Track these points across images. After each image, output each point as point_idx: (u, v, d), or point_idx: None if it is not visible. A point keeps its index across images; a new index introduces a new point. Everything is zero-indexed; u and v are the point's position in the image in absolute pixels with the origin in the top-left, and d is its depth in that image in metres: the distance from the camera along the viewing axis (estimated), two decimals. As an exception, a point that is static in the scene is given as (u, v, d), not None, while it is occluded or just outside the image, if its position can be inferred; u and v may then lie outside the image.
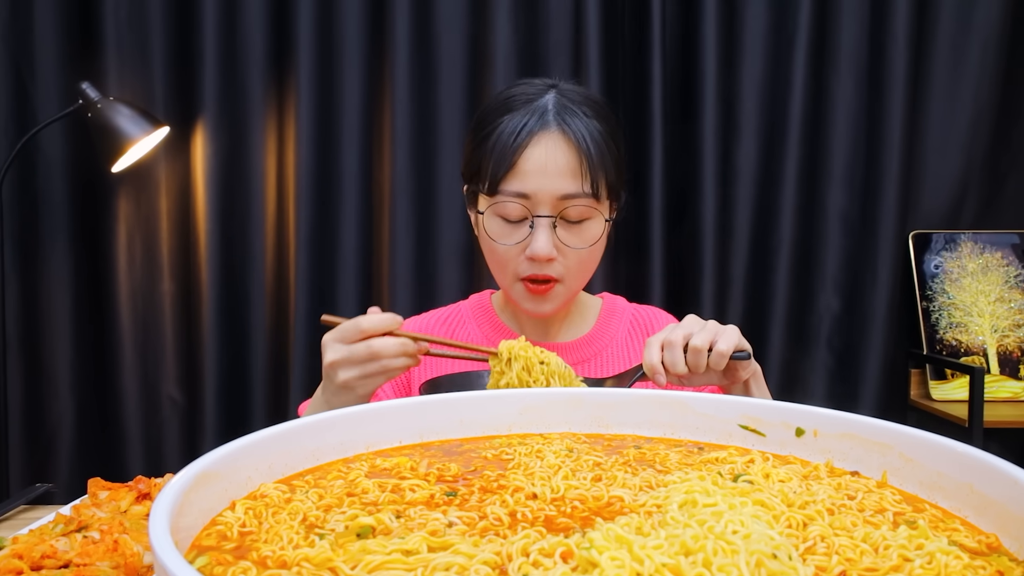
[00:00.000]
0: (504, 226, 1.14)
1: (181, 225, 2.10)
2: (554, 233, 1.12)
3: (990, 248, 2.19)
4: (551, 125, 1.12)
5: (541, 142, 1.11)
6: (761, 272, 2.11)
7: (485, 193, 1.14)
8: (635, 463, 0.70)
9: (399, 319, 1.01)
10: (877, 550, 0.51)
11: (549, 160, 1.10)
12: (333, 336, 1.01)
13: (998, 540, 0.55)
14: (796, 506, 0.57)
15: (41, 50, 2.00)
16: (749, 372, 1.05)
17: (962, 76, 2.14)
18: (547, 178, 1.10)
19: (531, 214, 1.12)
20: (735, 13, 2.07)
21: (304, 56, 2.02)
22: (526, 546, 0.48)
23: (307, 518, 0.56)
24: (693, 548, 0.47)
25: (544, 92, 1.16)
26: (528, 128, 1.11)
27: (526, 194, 1.11)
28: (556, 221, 1.12)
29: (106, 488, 0.81)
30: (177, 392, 2.11)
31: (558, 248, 1.13)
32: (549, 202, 1.11)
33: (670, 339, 0.99)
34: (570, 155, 1.11)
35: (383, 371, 0.99)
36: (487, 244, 1.18)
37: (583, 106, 1.14)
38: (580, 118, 1.13)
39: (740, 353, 0.99)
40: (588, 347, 1.28)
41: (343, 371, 0.99)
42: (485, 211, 1.15)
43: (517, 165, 1.11)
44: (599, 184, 1.12)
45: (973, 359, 2.14)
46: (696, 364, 0.98)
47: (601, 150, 1.13)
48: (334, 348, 1.00)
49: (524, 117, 1.12)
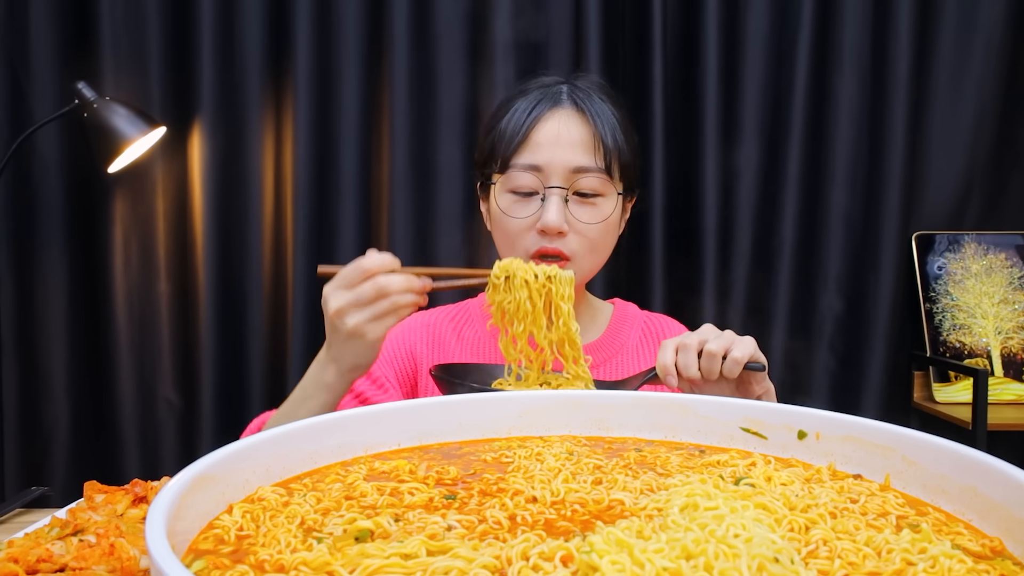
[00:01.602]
0: (515, 200, 1.13)
1: (178, 226, 2.10)
2: (566, 207, 1.11)
3: (994, 249, 2.17)
4: (564, 102, 1.13)
5: (554, 116, 1.12)
6: (763, 273, 2.09)
7: (497, 171, 1.14)
8: (636, 466, 0.70)
9: (398, 260, 0.98)
10: (880, 554, 0.50)
11: (563, 132, 1.11)
12: (335, 284, 0.97)
13: (1002, 544, 0.54)
14: (798, 509, 0.57)
15: (37, 49, 1.99)
16: (763, 388, 1.04)
17: (966, 75, 2.12)
18: (559, 149, 1.10)
19: (543, 186, 1.11)
20: (736, 12, 2.06)
21: (302, 55, 2.01)
22: (526, 550, 0.48)
23: (305, 522, 0.56)
24: (694, 552, 0.47)
25: (560, 82, 1.18)
26: (542, 105, 1.13)
27: (538, 166, 1.11)
28: (569, 196, 1.11)
29: (102, 491, 0.80)
30: (174, 394, 2.10)
31: (570, 224, 1.12)
32: (561, 174, 1.10)
33: (685, 342, 0.99)
34: (583, 129, 1.12)
35: (393, 308, 0.95)
36: (498, 221, 1.16)
37: (600, 92, 1.16)
38: (595, 100, 1.14)
39: (755, 364, 0.98)
40: (599, 352, 1.26)
41: (351, 316, 0.95)
42: (496, 185, 1.15)
43: (530, 138, 1.11)
44: (612, 160, 1.12)
45: (977, 361, 2.12)
46: (709, 369, 0.97)
47: (615, 130, 1.13)
48: (338, 295, 0.96)
49: (538, 96, 1.14)
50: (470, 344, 1.27)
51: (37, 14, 1.98)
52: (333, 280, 0.97)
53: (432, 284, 0.99)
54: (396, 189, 2.04)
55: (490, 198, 1.18)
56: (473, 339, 1.28)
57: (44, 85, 2.00)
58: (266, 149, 2.08)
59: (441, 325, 1.29)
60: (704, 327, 1.03)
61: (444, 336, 1.28)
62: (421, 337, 1.28)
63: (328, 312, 0.96)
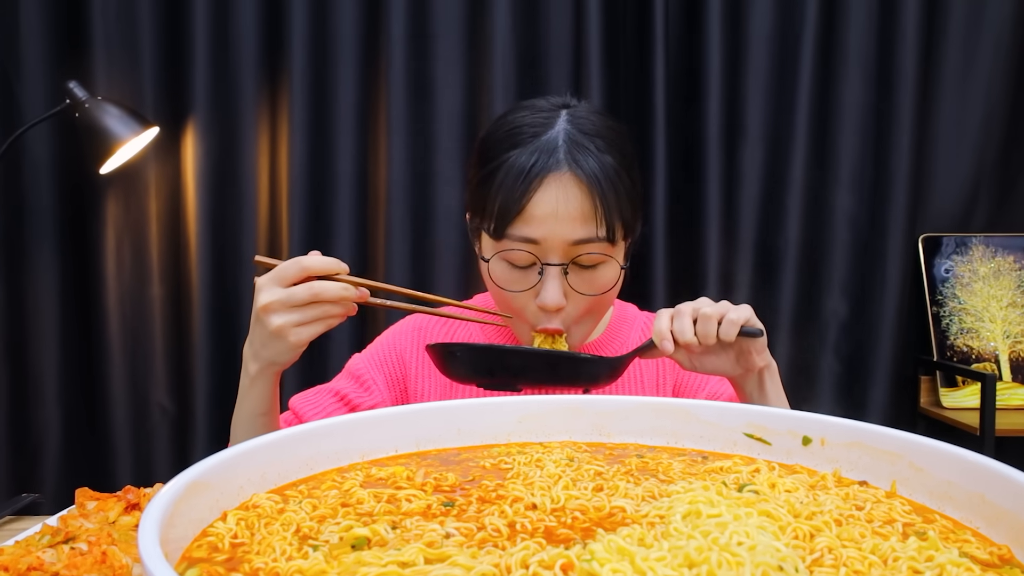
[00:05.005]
0: (512, 272, 1.08)
1: (171, 228, 2.08)
2: (565, 280, 1.07)
3: (1002, 252, 2.16)
4: (562, 165, 1.04)
5: (551, 185, 1.04)
6: (767, 276, 2.08)
7: (491, 235, 1.08)
8: (637, 472, 0.69)
9: (345, 266, 0.95)
10: (886, 562, 0.50)
11: (560, 204, 1.03)
12: (270, 277, 0.94)
13: (1010, 552, 0.54)
14: (803, 517, 0.56)
15: (27, 48, 1.98)
16: (764, 360, 1.03)
17: (973, 75, 2.11)
18: (558, 223, 1.04)
19: (540, 261, 1.06)
20: (740, 11, 2.05)
21: (297, 55, 2.00)
22: (525, 558, 0.48)
23: (300, 529, 0.55)
24: (697, 560, 0.46)
25: (553, 121, 1.08)
26: (537, 169, 1.04)
27: (535, 240, 1.05)
28: (568, 267, 1.06)
29: (94, 498, 0.80)
30: (167, 399, 2.09)
31: (568, 294, 1.08)
32: (560, 248, 1.05)
33: (680, 308, 0.99)
34: (583, 198, 1.04)
35: (323, 316, 0.93)
36: (494, 290, 1.13)
37: (596, 138, 1.07)
38: (593, 154, 1.05)
39: (751, 328, 0.97)
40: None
41: (277, 316, 0.93)
42: (491, 257, 1.09)
43: (526, 210, 1.04)
44: (614, 227, 1.06)
45: (985, 366, 2.11)
46: (705, 333, 0.96)
47: (616, 189, 1.06)
48: (270, 290, 0.93)
49: (532, 155, 1.05)
50: None
51: (27, 11, 1.97)
52: (269, 273, 0.95)
53: (368, 297, 0.96)
54: (393, 191, 2.04)
55: (482, 248, 1.13)
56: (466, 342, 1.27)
57: (35, 84, 1.99)
58: (261, 150, 2.07)
59: (434, 329, 1.28)
60: (700, 298, 1.03)
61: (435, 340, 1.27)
62: (411, 341, 1.27)
63: (256, 305, 0.94)
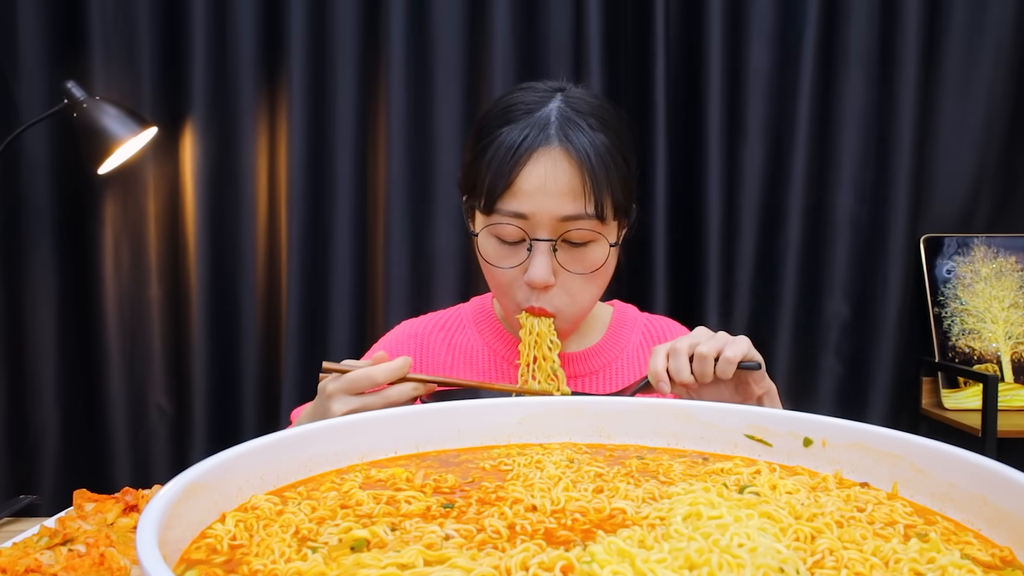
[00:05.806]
0: (501, 248, 1.08)
1: (169, 229, 2.08)
2: (554, 257, 1.06)
3: (1004, 252, 2.15)
4: (552, 140, 1.04)
5: (541, 159, 1.04)
6: (768, 277, 2.08)
7: (481, 211, 1.08)
8: (638, 474, 0.69)
9: (410, 361, 0.98)
10: (888, 564, 0.50)
11: (549, 179, 1.03)
12: (340, 388, 0.96)
13: (1012, 553, 0.54)
14: (804, 518, 0.56)
15: (25, 48, 1.97)
16: (762, 388, 1.02)
17: (975, 75, 2.11)
18: (547, 198, 1.04)
19: (529, 237, 1.06)
20: (740, 11, 2.04)
21: (296, 54, 2.00)
22: (525, 560, 0.48)
23: (299, 531, 0.55)
24: (698, 562, 0.46)
25: (548, 100, 1.09)
26: (527, 143, 1.04)
27: (524, 214, 1.05)
28: (557, 244, 1.06)
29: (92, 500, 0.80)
30: (165, 401, 2.08)
31: (558, 273, 1.07)
32: (548, 224, 1.05)
33: (676, 347, 0.97)
34: (572, 173, 1.04)
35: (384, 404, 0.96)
36: (484, 265, 1.13)
37: (589, 117, 1.07)
38: (585, 132, 1.05)
39: (749, 363, 0.96)
40: (597, 358, 1.24)
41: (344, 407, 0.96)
42: (481, 231, 1.09)
43: (515, 184, 1.04)
44: (604, 205, 1.05)
45: (986, 367, 2.10)
46: (702, 372, 0.95)
47: (607, 167, 1.05)
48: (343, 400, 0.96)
49: (524, 130, 1.05)
50: (461, 352, 1.25)
51: (26, 12, 1.96)
52: (340, 383, 0.97)
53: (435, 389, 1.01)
54: (392, 191, 2.03)
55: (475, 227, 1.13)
56: (464, 347, 1.25)
57: (33, 84, 1.98)
58: (259, 150, 2.06)
59: (430, 335, 1.26)
60: (697, 330, 1.01)
61: (432, 346, 1.25)
62: (408, 348, 1.26)
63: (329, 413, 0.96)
